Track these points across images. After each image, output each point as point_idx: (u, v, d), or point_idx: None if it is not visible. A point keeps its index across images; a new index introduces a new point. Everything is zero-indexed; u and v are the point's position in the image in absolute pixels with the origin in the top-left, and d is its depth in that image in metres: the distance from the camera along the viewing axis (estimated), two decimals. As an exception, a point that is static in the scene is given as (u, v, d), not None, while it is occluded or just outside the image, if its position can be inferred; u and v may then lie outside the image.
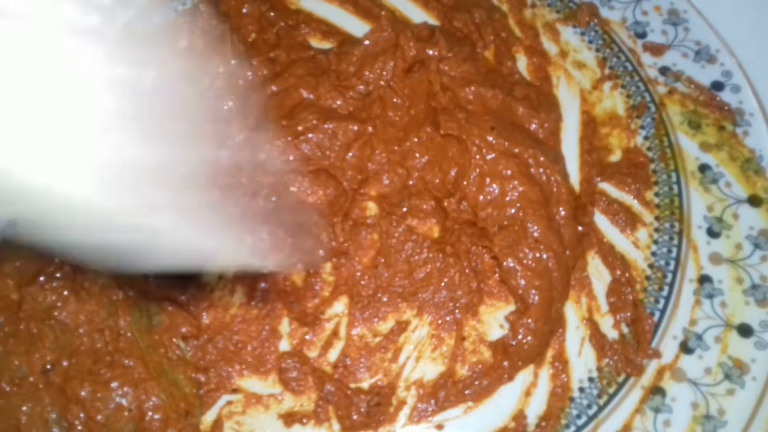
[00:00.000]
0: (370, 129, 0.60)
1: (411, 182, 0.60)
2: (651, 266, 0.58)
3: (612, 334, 0.55)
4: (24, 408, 0.49)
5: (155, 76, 0.35)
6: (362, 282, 0.57)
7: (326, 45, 0.67)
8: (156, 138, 0.35)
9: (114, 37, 0.34)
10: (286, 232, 0.47)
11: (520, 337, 0.53)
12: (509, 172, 0.56)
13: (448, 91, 0.61)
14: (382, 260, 0.57)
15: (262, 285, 0.57)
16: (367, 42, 0.63)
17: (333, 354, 0.55)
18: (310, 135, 0.59)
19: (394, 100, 0.62)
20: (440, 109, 0.60)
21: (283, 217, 0.50)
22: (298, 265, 0.55)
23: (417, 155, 0.60)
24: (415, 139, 0.60)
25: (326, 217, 0.57)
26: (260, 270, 0.52)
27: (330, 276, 0.57)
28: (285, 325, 0.56)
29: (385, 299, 0.57)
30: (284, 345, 0.56)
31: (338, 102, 0.61)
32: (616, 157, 0.62)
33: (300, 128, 0.59)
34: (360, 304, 0.57)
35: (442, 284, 0.57)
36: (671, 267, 0.57)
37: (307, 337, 0.56)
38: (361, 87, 0.62)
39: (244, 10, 0.67)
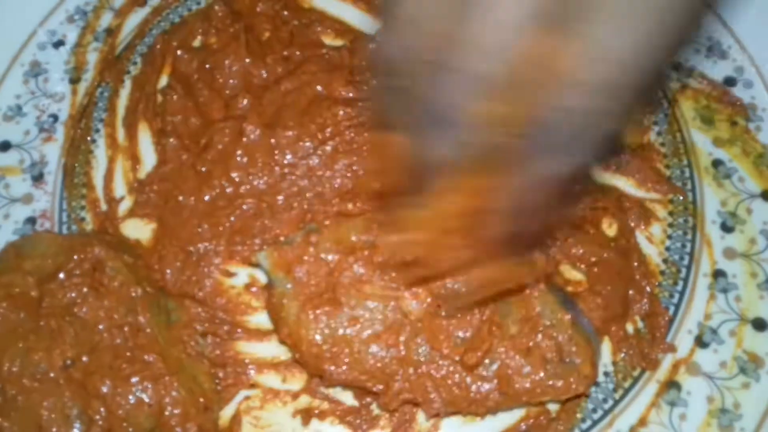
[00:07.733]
0: None
1: None
2: (665, 261, 0.58)
3: (627, 328, 0.56)
4: (45, 403, 0.50)
5: None
6: None
7: (339, 43, 0.67)
8: None
9: None
10: None
11: None
12: None
13: None
14: None
15: None
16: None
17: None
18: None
19: None
20: None
21: None
22: None
23: None
24: None
25: None
26: None
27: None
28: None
29: None
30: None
31: (350, 95, 0.62)
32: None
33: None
34: None
35: None
36: (685, 262, 0.58)
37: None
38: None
39: (258, 9, 0.67)
